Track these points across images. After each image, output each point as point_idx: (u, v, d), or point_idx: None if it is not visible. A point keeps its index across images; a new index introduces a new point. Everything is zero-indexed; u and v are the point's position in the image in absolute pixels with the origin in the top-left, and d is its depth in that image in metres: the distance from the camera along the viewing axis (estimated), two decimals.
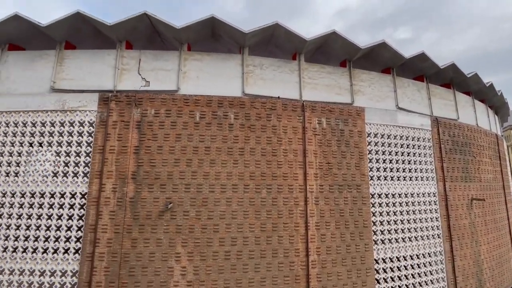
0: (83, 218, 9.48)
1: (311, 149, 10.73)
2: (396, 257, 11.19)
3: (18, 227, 9.56)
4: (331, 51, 12.58)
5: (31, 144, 10.13)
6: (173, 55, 10.99)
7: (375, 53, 12.49)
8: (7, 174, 9.94)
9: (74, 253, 9.32)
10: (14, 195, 9.75)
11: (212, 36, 11.98)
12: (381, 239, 11.02)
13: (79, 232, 9.43)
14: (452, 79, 14.65)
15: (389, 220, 11.33)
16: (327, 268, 10.04)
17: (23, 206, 9.70)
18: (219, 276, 9.28)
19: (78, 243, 9.36)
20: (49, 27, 10.27)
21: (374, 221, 11.05)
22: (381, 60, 12.92)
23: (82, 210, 9.54)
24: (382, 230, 11.14)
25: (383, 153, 11.82)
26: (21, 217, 9.64)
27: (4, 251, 9.44)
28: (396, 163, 11.97)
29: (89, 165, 9.77)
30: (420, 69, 13.70)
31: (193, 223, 9.49)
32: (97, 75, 10.59)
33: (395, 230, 11.35)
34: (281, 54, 12.63)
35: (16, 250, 9.46)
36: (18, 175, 9.94)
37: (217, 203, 9.70)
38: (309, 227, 10.13)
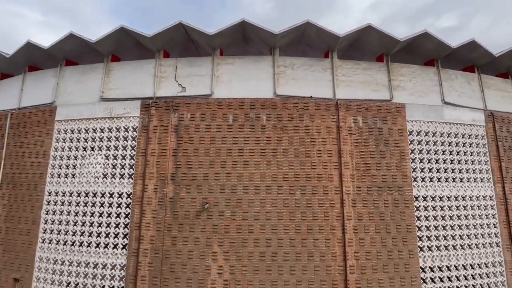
0: (129, 216, 10.26)
1: (346, 149, 10.32)
2: (446, 266, 10.21)
3: (75, 223, 10.68)
4: (366, 46, 11.99)
5: (84, 149, 11.26)
6: (206, 60, 11.41)
7: (415, 44, 11.62)
8: (66, 176, 11.19)
9: (122, 248, 10.12)
10: (72, 195, 10.94)
11: (243, 40, 12.19)
12: (427, 246, 10.15)
13: (125, 229, 10.22)
14: (509, 67, 13.01)
15: (436, 225, 10.39)
16: (366, 274, 9.53)
17: (78, 205, 10.83)
18: (255, 277, 9.35)
19: (125, 239, 10.15)
20: (98, 43, 11.35)
21: (419, 226, 10.23)
22: (423, 51, 11.96)
23: (128, 208, 10.33)
24: (429, 236, 10.26)
25: (428, 152, 10.90)
26: (78, 214, 10.76)
27: (65, 244, 10.62)
28: (444, 163, 10.95)
29: (133, 167, 10.56)
30: (469, 59, 12.40)
31: (228, 223, 9.71)
32: (139, 84, 11.42)
33: (444, 237, 10.37)
34: (313, 53, 12.38)
35: (74, 244, 10.57)
36: (74, 176, 11.13)
37: (251, 204, 9.80)
38: (346, 231, 9.72)
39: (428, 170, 10.75)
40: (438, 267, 10.14)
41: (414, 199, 10.34)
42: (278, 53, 11.36)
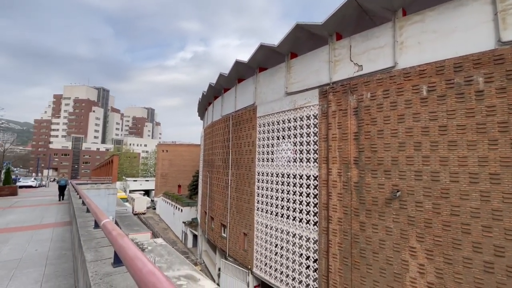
0: (317, 196, 11.22)
1: None
2: None
3: (276, 198, 13.23)
4: None
5: (277, 138, 13.56)
6: (384, 28, 9.91)
7: None
8: (267, 160, 14.05)
9: (313, 225, 11.29)
10: (271, 175, 13.59)
11: None
12: None
13: (315, 208, 11.29)
14: None
15: None
16: None
17: (277, 183, 13.27)
18: None
19: (315, 217, 11.24)
20: (279, 46, 13.11)
21: None
22: None
23: (315, 190, 11.32)
24: None
25: None
26: (277, 191, 13.24)
27: (271, 213, 13.47)
28: None
29: (317, 152, 11.37)
30: None
31: (430, 217, 8.05)
32: (315, 73, 11.99)
33: None
34: None
35: (277, 214, 13.14)
36: (272, 160, 13.73)
37: (465, 197, 7.51)
38: None
39: None
40: None
41: None
42: None
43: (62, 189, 14.32)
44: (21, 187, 27.54)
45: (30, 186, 30.88)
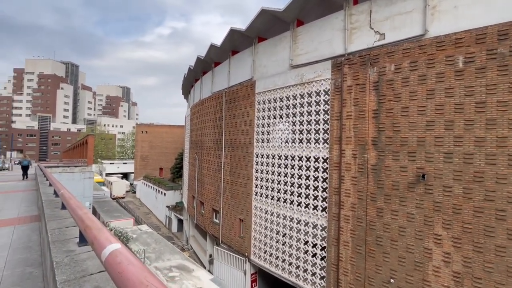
0: (326, 180, 10.26)
1: None
2: None
3: (278, 182, 12.14)
4: None
5: (281, 116, 12.24)
6: None
7: None
8: (267, 141, 12.78)
9: (322, 211, 10.42)
10: (272, 157, 12.40)
11: None
12: None
13: (324, 193, 10.36)
14: None
15: None
16: None
17: (280, 166, 12.13)
18: (509, 281, 6.68)
19: (324, 203, 10.34)
20: (285, 11, 11.47)
21: None
22: None
23: (325, 173, 10.34)
24: None
25: None
26: (279, 174, 12.13)
27: (272, 198, 12.43)
28: None
29: (327, 131, 10.27)
30: None
31: (460, 202, 7.36)
32: (327, 42, 10.63)
33: None
34: None
35: (279, 199, 12.13)
36: (273, 141, 12.49)
37: (502, 181, 6.82)
38: None
39: None
40: None
41: None
42: None
43: (25, 168, 14.43)
44: None
45: None
